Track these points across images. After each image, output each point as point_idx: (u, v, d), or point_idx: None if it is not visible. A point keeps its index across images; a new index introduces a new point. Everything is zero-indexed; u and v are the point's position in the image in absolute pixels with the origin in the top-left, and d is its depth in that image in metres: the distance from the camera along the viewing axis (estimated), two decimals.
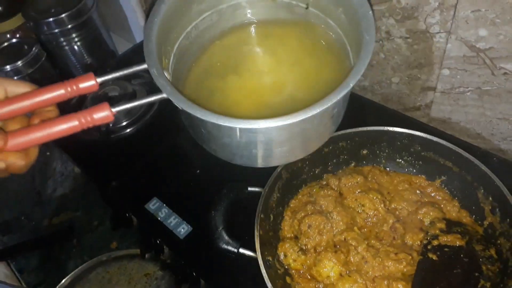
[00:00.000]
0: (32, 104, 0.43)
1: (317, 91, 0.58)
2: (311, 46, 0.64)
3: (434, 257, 0.60)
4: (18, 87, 0.44)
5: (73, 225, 1.02)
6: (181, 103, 0.46)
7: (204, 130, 0.52)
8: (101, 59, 1.05)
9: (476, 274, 0.57)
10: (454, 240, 0.61)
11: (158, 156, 0.86)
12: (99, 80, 0.46)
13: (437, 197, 0.68)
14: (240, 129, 0.48)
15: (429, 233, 0.63)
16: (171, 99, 0.46)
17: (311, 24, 0.63)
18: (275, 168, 0.66)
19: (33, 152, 0.43)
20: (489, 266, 0.58)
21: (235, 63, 0.63)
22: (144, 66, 0.49)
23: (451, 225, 0.63)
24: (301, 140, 0.55)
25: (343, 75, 0.58)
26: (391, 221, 0.65)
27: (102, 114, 0.43)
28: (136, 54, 1.08)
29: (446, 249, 0.60)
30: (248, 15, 0.65)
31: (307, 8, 0.62)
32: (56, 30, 0.97)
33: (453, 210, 0.66)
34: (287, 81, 0.62)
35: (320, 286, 0.61)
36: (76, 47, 1.01)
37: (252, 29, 0.66)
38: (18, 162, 0.41)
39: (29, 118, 0.45)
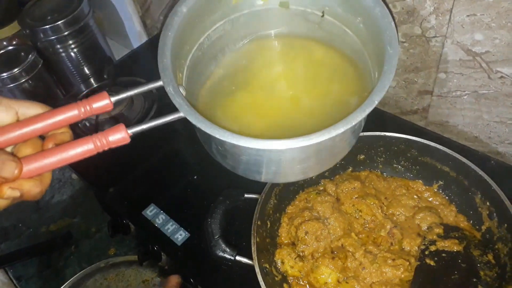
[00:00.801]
0: (45, 126, 0.41)
1: (335, 105, 0.57)
2: (327, 57, 0.62)
3: (432, 263, 0.60)
4: (29, 109, 0.42)
5: (71, 232, 1.01)
6: (199, 123, 0.44)
7: (221, 148, 0.50)
8: (98, 65, 1.05)
9: (474, 279, 0.57)
10: (452, 246, 0.61)
11: (155, 162, 0.86)
12: (113, 99, 0.44)
13: (435, 202, 0.68)
14: (262, 150, 0.45)
15: (426, 239, 0.62)
16: (189, 119, 0.45)
17: (327, 33, 0.61)
18: None
19: (47, 177, 0.42)
20: (486, 272, 0.58)
21: (249, 77, 0.61)
22: (160, 83, 0.47)
23: (449, 230, 0.63)
24: (323, 156, 0.53)
25: (362, 87, 0.56)
26: (388, 226, 0.65)
27: (118, 136, 0.42)
28: (133, 60, 1.08)
29: (443, 255, 0.60)
30: (262, 24, 0.63)
31: (322, 16, 0.60)
32: (53, 37, 0.97)
33: (451, 215, 0.66)
34: (301, 95, 0.59)
35: None
36: (72, 54, 1.01)
37: (266, 38, 0.64)
38: (33, 190, 0.40)
39: (42, 140, 0.43)
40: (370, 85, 0.54)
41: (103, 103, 0.43)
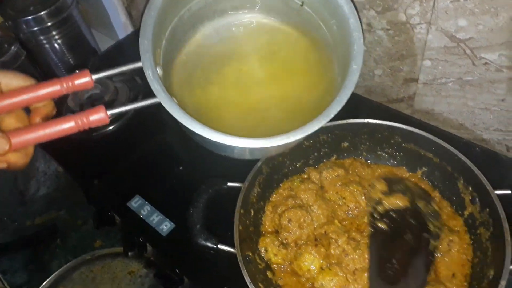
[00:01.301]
0: (28, 99, 0.44)
1: (304, 94, 0.59)
2: (301, 44, 0.63)
3: (384, 226, 0.60)
4: (12, 80, 0.44)
5: (57, 225, 1.01)
6: (174, 112, 0.47)
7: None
8: (83, 56, 1.04)
9: (425, 234, 0.58)
10: (398, 202, 0.62)
11: (140, 153, 0.85)
12: (94, 77, 0.47)
13: None
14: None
15: (372, 198, 0.63)
16: (164, 106, 0.47)
17: (305, 21, 0.62)
18: (255, 162, 0.66)
19: (31, 150, 0.45)
20: (433, 222, 0.58)
21: (224, 55, 0.62)
22: (139, 64, 0.49)
23: (392, 184, 0.64)
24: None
25: (329, 81, 0.58)
26: None
27: (97, 117, 0.45)
28: (119, 51, 1.07)
29: (392, 214, 0.61)
30: (243, 1, 0.64)
31: (302, 5, 0.61)
32: (36, 28, 0.95)
33: (434, 201, 0.66)
34: (270, 81, 0.61)
35: (301, 280, 0.60)
36: (56, 45, 1.00)
37: (244, 17, 0.65)
38: (19, 161, 0.43)
39: (25, 112, 0.45)
40: (335, 82, 0.56)
41: (84, 80, 0.46)
